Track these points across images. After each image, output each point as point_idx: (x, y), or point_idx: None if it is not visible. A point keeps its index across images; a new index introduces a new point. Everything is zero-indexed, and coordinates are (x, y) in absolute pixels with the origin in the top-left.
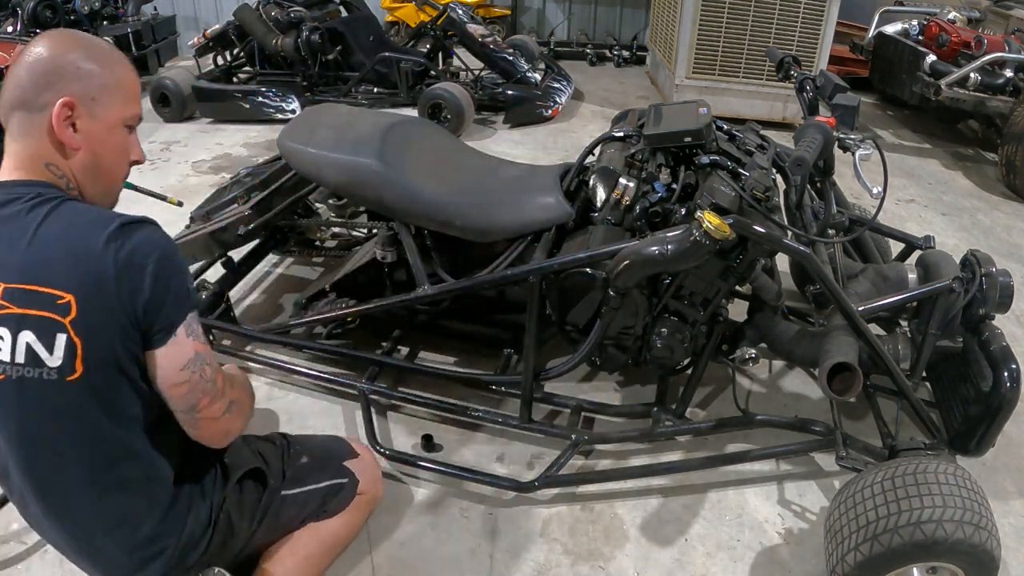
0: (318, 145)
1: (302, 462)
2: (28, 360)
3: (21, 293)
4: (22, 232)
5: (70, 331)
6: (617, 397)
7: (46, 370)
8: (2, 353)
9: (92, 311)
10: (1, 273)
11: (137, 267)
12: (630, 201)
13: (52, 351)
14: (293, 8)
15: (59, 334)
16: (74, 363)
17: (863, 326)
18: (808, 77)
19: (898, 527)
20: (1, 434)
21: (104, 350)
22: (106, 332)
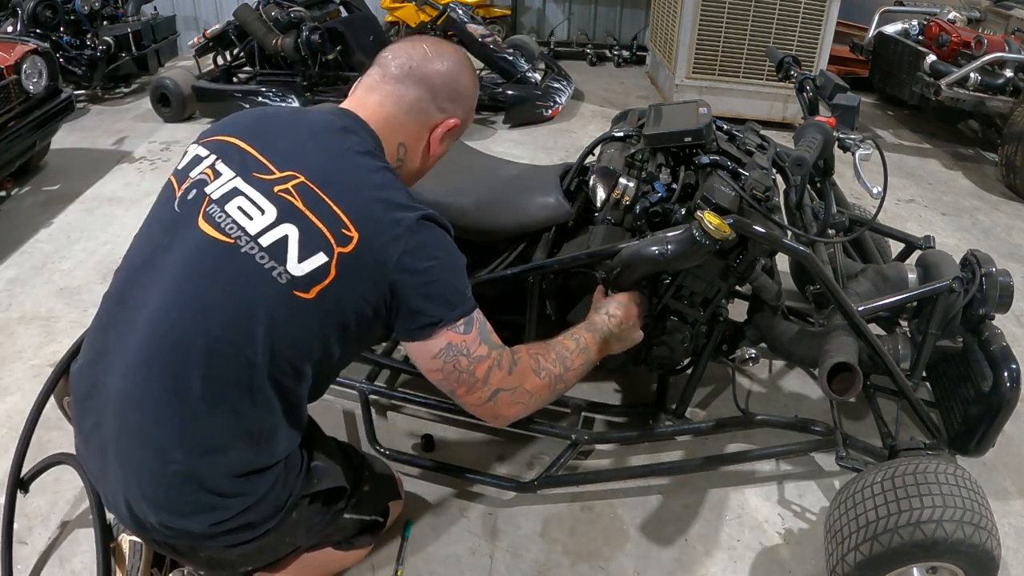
0: None
1: (364, 490)
2: (272, 250)
3: (316, 198)
4: (345, 158)
5: (334, 260)
6: (617, 397)
7: (281, 271)
8: (251, 223)
9: (363, 264)
10: (306, 169)
11: (420, 257)
12: (630, 201)
13: (302, 261)
14: (293, 8)
15: (321, 254)
16: (311, 288)
17: (863, 326)
18: (808, 77)
19: (898, 527)
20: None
21: (345, 300)
22: (360, 288)
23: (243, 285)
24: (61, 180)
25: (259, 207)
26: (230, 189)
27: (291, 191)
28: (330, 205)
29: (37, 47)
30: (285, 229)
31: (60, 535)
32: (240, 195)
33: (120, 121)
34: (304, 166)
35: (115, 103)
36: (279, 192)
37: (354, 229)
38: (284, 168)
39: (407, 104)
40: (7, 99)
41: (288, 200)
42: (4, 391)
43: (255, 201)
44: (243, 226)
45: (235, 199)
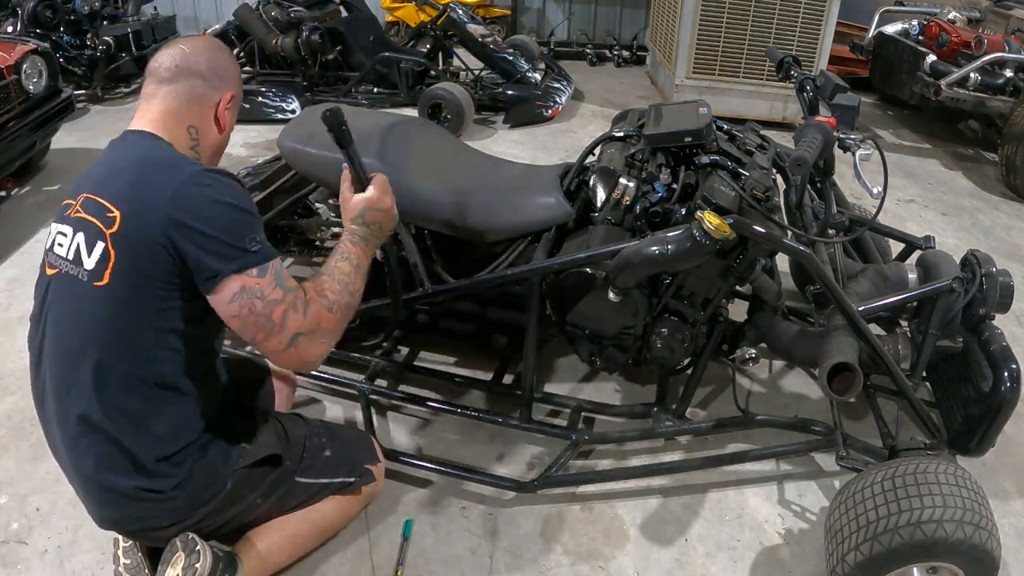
0: (318, 145)
1: (324, 455)
2: (74, 258)
3: (92, 202)
4: (122, 161)
5: (108, 242)
6: (617, 397)
7: (82, 271)
8: (63, 249)
9: (133, 235)
10: (89, 186)
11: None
12: (630, 201)
13: (90, 254)
14: (293, 8)
15: (99, 242)
16: (103, 272)
17: (863, 326)
18: (808, 77)
19: (898, 527)
20: (41, 333)
21: (135, 270)
22: (142, 258)
23: (70, 299)
24: (61, 180)
25: (64, 233)
26: (56, 234)
27: (79, 208)
28: (100, 201)
29: (37, 47)
30: (78, 239)
31: (60, 535)
32: (57, 234)
33: (120, 121)
34: (88, 184)
35: (115, 103)
36: (74, 214)
37: (115, 209)
38: (77, 195)
39: (186, 96)
40: (7, 99)
41: (78, 216)
42: (4, 391)
43: (63, 231)
44: (60, 255)
45: (56, 240)
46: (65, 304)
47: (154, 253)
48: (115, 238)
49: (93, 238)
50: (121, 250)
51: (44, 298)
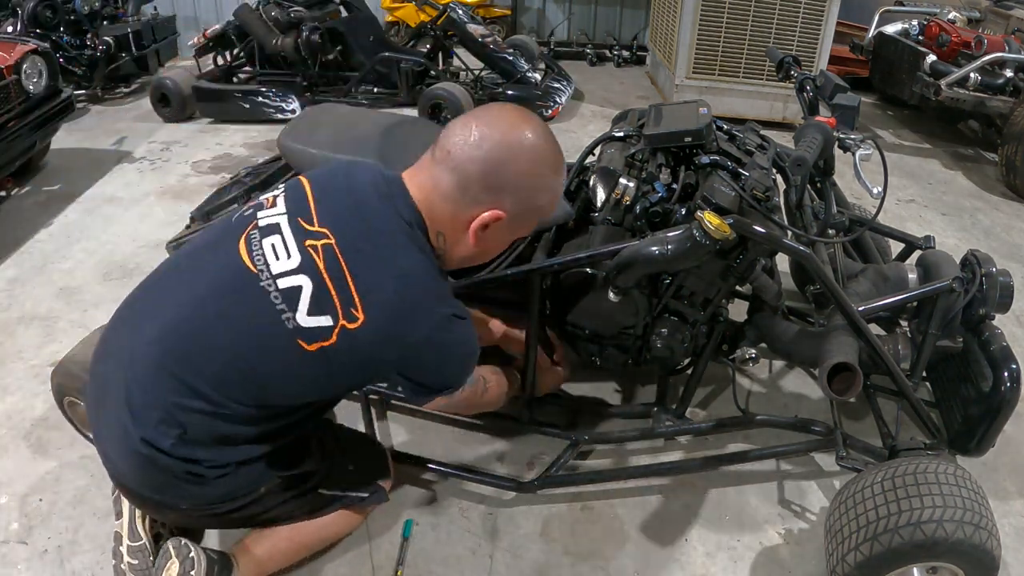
0: (318, 145)
1: (348, 468)
2: (286, 295)
3: (337, 266)
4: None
5: (336, 331)
6: (617, 397)
7: (290, 316)
8: (276, 263)
9: (363, 345)
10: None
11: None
12: (630, 201)
13: (310, 315)
14: (293, 8)
15: (329, 319)
16: (313, 343)
17: (863, 326)
18: (808, 77)
19: (898, 527)
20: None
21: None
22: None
23: (253, 316)
24: (61, 180)
25: (288, 251)
26: (274, 223)
27: (318, 249)
28: (347, 279)
29: (37, 47)
30: (301, 280)
31: (60, 535)
32: (278, 233)
33: (120, 121)
34: (337, 228)
35: (115, 103)
36: (307, 245)
37: (362, 312)
38: (322, 223)
39: (442, 192)
40: (7, 99)
41: (312, 255)
42: (4, 391)
43: (287, 244)
44: (268, 263)
45: (272, 236)
46: (245, 311)
47: (376, 365)
48: (347, 334)
49: (323, 307)
50: (345, 345)
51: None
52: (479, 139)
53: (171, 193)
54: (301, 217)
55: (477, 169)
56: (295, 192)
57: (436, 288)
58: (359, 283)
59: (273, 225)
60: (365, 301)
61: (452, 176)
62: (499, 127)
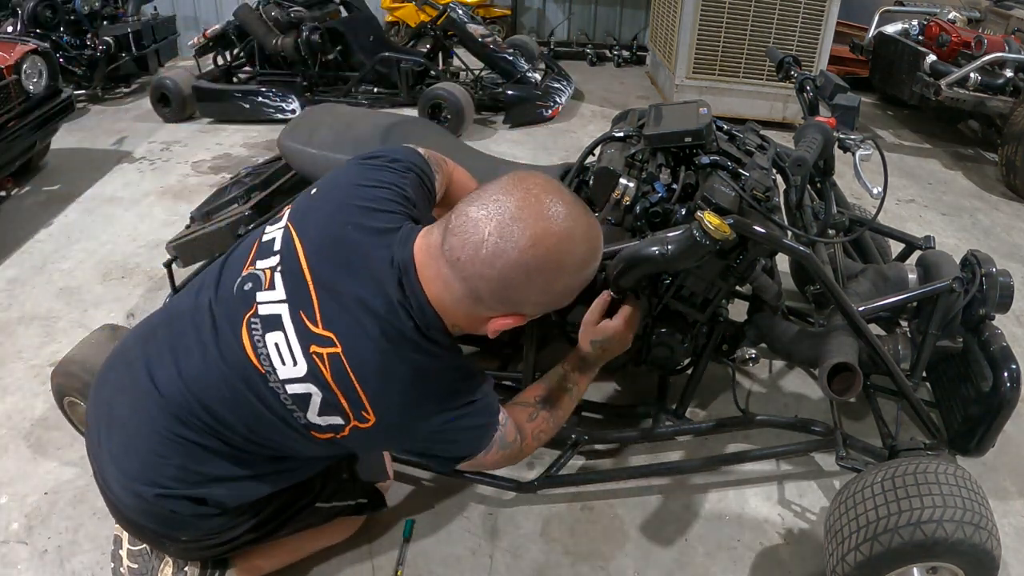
0: (318, 145)
1: (342, 477)
2: (295, 398)
3: (344, 376)
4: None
5: (348, 428)
6: (617, 397)
7: (300, 415)
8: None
9: (379, 435)
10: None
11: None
12: (630, 201)
13: (320, 416)
14: (293, 8)
15: (340, 419)
16: (325, 433)
17: (863, 326)
18: (808, 77)
19: (898, 527)
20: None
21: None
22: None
23: (266, 408)
24: (61, 180)
25: (293, 356)
26: (275, 315)
27: (324, 358)
28: (356, 388)
29: (37, 47)
30: (310, 388)
31: (60, 535)
32: (280, 331)
33: (120, 121)
34: (344, 338)
35: (115, 103)
36: (313, 352)
37: (373, 415)
38: (327, 328)
39: (454, 296)
40: (7, 99)
41: (318, 365)
42: (4, 391)
43: (291, 348)
44: (275, 366)
45: (275, 333)
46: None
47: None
48: (357, 432)
49: (333, 410)
50: (356, 437)
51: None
52: (491, 255)
53: (171, 193)
54: (303, 312)
55: (488, 288)
56: (292, 272)
57: (447, 384)
58: (368, 391)
59: (274, 317)
60: (375, 405)
61: (464, 285)
62: (513, 240)
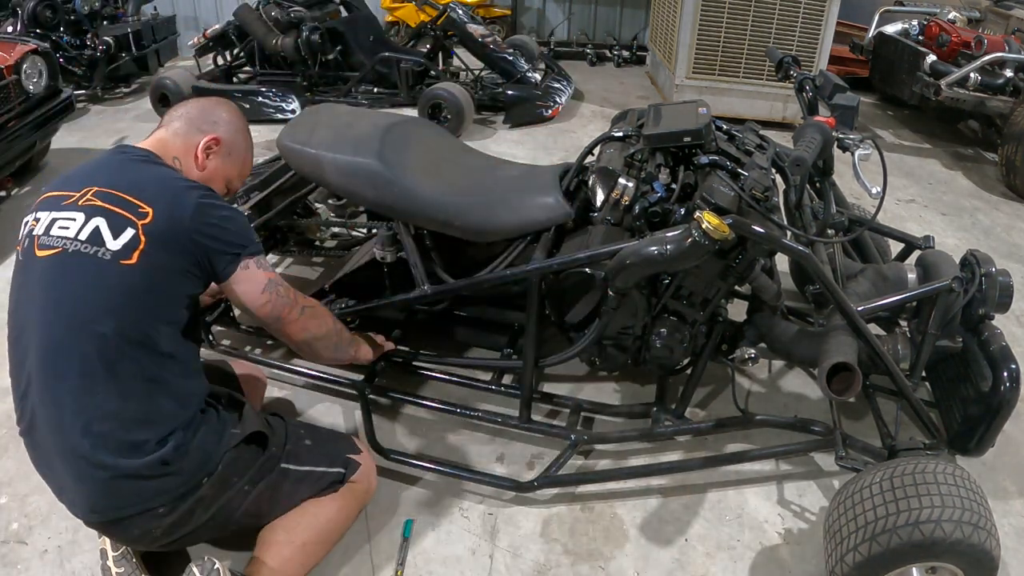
0: (317, 145)
1: (305, 443)
2: (90, 239)
3: (110, 195)
4: (127, 166)
5: (139, 231)
6: (616, 397)
7: (103, 250)
8: (68, 231)
9: (164, 227)
10: (100, 181)
11: (211, 211)
12: (629, 201)
13: (116, 238)
14: (293, 8)
15: (129, 228)
16: (132, 253)
17: (862, 326)
18: (808, 77)
19: (896, 527)
20: (33, 308)
21: (163, 257)
22: (172, 246)
23: (82, 275)
24: None
25: (72, 219)
26: (49, 220)
27: (91, 198)
28: (123, 197)
29: (37, 47)
30: (95, 222)
31: (60, 535)
32: (57, 220)
33: (120, 121)
34: (96, 181)
35: (115, 103)
36: (82, 203)
37: (147, 206)
38: (80, 188)
39: (168, 136)
40: (7, 99)
41: (91, 204)
42: (4, 391)
43: (68, 217)
44: (64, 236)
45: (55, 224)
46: (74, 279)
47: (182, 245)
48: (147, 228)
49: (120, 225)
50: (153, 238)
51: (36, 276)
52: (191, 102)
53: None
54: (63, 201)
55: (198, 112)
56: (44, 203)
57: (186, 179)
58: (132, 191)
59: (49, 222)
60: (143, 197)
61: (175, 123)
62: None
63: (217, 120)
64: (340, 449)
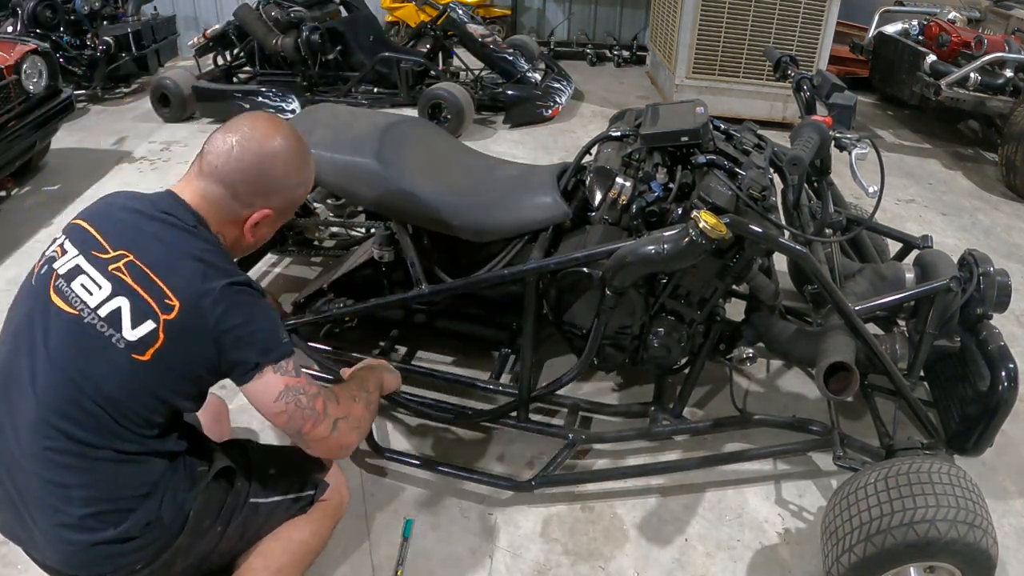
0: (316, 145)
1: (270, 472)
2: (108, 319)
3: (141, 274)
4: (169, 237)
5: (160, 326)
6: (614, 396)
7: (118, 336)
8: (91, 298)
9: (187, 327)
10: (135, 249)
11: (235, 314)
12: (627, 200)
13: (134, 328)
14: (293, 8)
15: (150, 321)
16: (146, 351)
17: (860, 325)
18: (805, 76)
19: (891, 528)
20: (37, 355)
21: (179, 358)
22: (191, 348)
23: (91, 350)
24: (61, 180)
25: (97, 283)
26: (73, 267)
27: (122, 269)
28: (154, 280)
29: (37, 47)
30: (118, 302)
31: None
32: (82, 273)
33: (120, 121)
34: (133, 247)
35: (115, 103)
36: (112, 270)
37: (175, 299)
38: (116, 248)
39: (212, 201)
40: (7, 99)
41: (119, 276)
42: None
43: (93, 278)
44: (85, 300)
45: (79, 277)
46: (81, 352)
47: (201, 346)
48: (169, 324)
49: (142, 314)
50: (172, 336)
51: (42, 323)
52: (242, 150)
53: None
54: (95, 250)
55: (243, 178)
56: (78, 234)
57: (228, 265)
58: (162, 275)
59: (74, 268)
60: (171, 285)
61: (220, 187)
62: (254, 139)
63: (273, 188)
64: (305, 469)
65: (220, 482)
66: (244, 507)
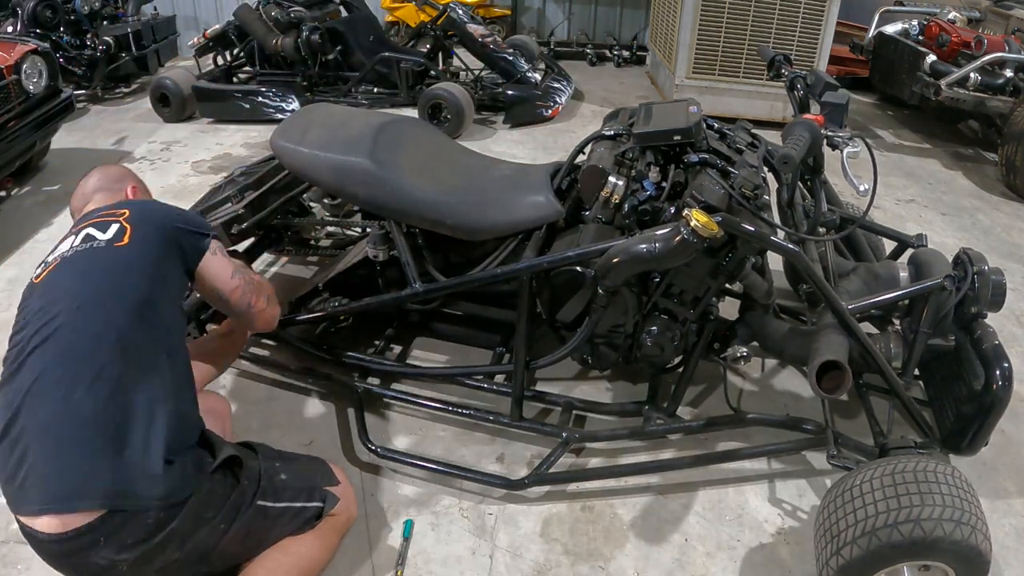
0: (310, 144)
1: (280, 478)
2: (84, 241)
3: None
4: None
5: (122, 221)
6: (608, 395)
7: (96, 243)
8: (64, 247)
9: (141, 218)
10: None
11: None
12: (619, 199)
13: (104, 232)
14: (293, 8)
15: (114, 224)
16: (123, 236)
17: (853, 324)
18: (798, 75)
19: (882, 527)
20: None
21: (149, 237)
22: (151, 233)
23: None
24: (61, 180)
25: (66, 246)
26: (51, 255)
27: (81, 230)
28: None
29: (37, 47)
30: (84, 233)
31: None
32: (51, 253)
33: (120, 121)
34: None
35: (115, 103)
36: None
37: (123, 209)
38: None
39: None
40: (7, 99)
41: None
42: None
43: (61, 250)
44: (60, 252)
45: (55, 252)
46: (81, 269)
47: (157, 227)
48: (128, 219)
49: (105, 225)
50: (135, 226)
51: (45, 290)
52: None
53: (171, 193)
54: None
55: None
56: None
57: None
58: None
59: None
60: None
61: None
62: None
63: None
64: (317, 481)
65: (226, 476)
66: (250, 508)
